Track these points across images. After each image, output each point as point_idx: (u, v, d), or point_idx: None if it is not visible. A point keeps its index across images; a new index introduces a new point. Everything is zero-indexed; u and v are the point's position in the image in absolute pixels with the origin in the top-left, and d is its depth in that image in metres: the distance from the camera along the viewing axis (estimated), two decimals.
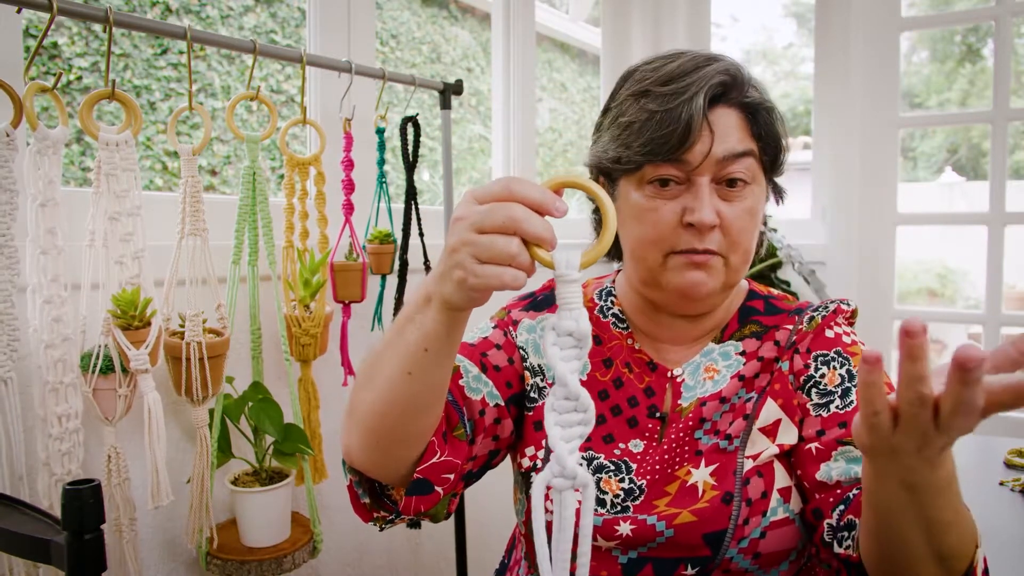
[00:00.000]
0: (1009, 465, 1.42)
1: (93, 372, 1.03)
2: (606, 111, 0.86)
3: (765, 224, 0.92)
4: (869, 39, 2.28)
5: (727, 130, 0.78)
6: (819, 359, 0.83)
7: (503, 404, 0.86)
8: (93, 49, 2.17)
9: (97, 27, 2.13)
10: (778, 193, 0.90)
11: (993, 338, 2.17)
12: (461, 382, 0.83)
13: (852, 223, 2.32)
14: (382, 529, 0.81)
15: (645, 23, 2.62)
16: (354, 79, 1.38)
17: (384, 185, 1.51)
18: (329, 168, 1.39)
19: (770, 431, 0.80)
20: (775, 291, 0.92)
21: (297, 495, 1.39)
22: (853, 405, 0.77)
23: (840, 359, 0.82)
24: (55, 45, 2.10)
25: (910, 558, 0.62)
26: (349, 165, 1.41)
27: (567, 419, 0.57)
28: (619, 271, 0.94)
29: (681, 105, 0.76)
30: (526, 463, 0.87)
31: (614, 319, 0.91)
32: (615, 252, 0.92)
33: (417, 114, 1.52)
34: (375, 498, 0.79)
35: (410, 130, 1.53)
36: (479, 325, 0.93)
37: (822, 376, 0.81)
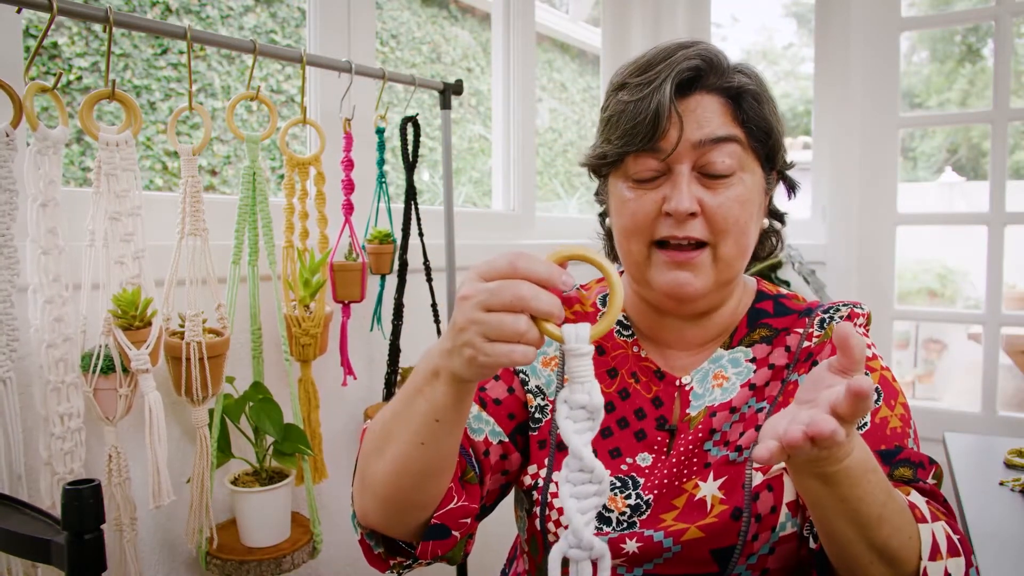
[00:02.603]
0: (1009, 465, 1.43)
1: (94, 372, 1.03)
2: (601, 111, 0.86)
3: (783, 222, 0.89)
4: (869, 39, 2.28)
5: (706, 116, 0.77)
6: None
7: (507, 440, 0.84)
8: (93, 49, 2.17)
9: (97, 27, 2.13)
10: (790, 186, 0.88)
11: (993, 338, 2.17)
12: None
13: (852, 223, 2.32)
14: (398, 575, 0.80)
15: (645, 23, 2.62)
16: (354, 79, 1.38)
17: (384, 185, 1.51)
18: (329, 168, 1.39)
19: None
20: (784, 290, 0.89)
21: (297, 495, 1.39)
22: (866, 428, 0.76)
23: None
24: (55, 45, 2.10)
25: (853, 556, 0.64)
26: (349, 165, 1.41)
27: (582, 491, 0.58)
28: (623, 272, 0.90)
29: (651, 93, 0.76)
30: (527, 480, 0.85)
31: (619, 326, 0.89)
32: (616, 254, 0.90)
33: (417, 114, 1.52)
34: (389, 546, 0.79)
35: (410, 130, 1.52)
36: None
37: None
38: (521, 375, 0.88)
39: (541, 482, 0.84)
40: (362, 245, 1.48)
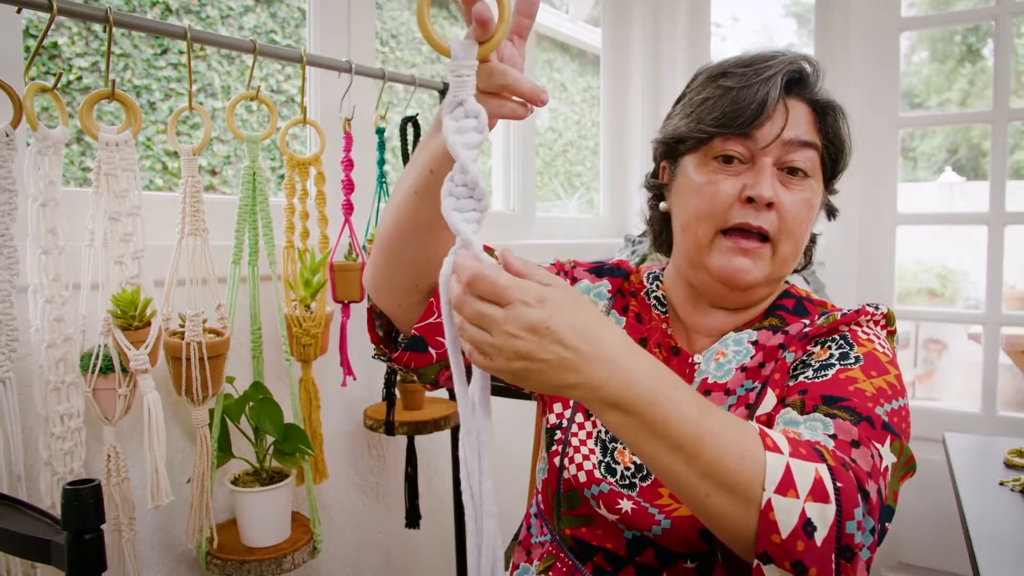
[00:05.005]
0: (1009, 465, 1.43)
1: (93, 372, 1.03)
2: (680, 98, 0.89)
3: (813, 240, 0.92)
4: (869, 39, 2.28)
5: (797, 119, 0.81)
6: (816, 340, 0.79)
7: None
8: (93, 49, 2.17)
9: (97, 27, 2.13)
10: (830, 211, 0.92)
11: (993, 338, 2.17)
12: None
13: (852, 223, 2.32)
14: (375, 357, 0.88)
15: (645, 23, 2.62)
16: (354, 79, 1.38)
17: (384, 185, 1.51)
18: (329, 168, 1.39)
19: (764, 421, 0.77)
20: (815, 296, 0.90)
21: (297, 495, 1.39)
22: (825, 377, 0.72)
23: (841, 341, 0.76)
24: (55, 45, 2.10)
25: (687, 489, 0.59)
26: (349, 165, 1.41)
27: (464, 204, 0.60)
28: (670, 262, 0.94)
29: (760, 83, 0.78)
30: (552, 419, 0.88)
31: (656, 302, 0.92)
32: (666, 247, 0.93)
33: (417, 114, 1.52)
34: (387, 336, 0.86)
35: (410, 130, 1.52)
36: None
37: (810, 356, 0.77)
38: None
39: (565, 422, 0.86)
40: (362, 245, 1.48)
